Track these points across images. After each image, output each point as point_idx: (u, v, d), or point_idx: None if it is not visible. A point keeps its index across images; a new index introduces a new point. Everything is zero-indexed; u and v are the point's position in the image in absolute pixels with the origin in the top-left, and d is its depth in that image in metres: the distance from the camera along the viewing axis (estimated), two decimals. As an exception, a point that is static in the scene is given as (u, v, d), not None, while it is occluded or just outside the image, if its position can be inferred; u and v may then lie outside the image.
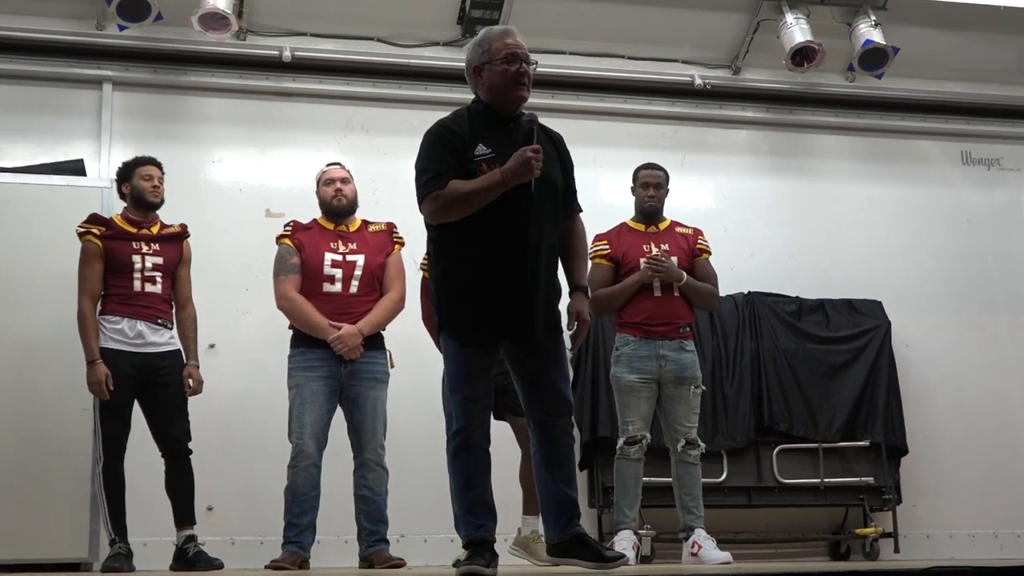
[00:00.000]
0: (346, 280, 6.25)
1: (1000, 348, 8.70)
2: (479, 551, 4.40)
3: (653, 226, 6.67)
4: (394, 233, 6.51)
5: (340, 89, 7.99)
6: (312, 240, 6.30)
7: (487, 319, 4.48)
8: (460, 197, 4.45)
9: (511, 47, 4.60)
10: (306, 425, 6.05)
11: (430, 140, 4.61)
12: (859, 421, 7.97)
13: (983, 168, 9.00)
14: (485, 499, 4.49)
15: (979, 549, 8.22)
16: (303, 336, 6.20)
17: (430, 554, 7.15)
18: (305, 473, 6.02)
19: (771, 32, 8.16)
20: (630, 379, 6.42)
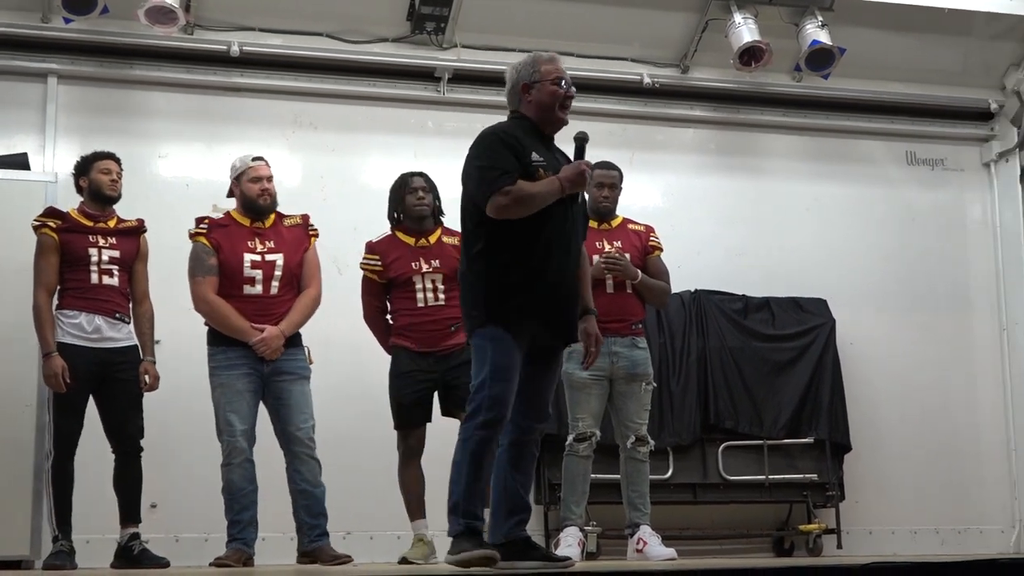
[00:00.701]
0: (266, 281, 6.17)
1: (942, 347, 8.81)
2: (479, 541, 4.55)
3: (606, 223, 6.69)
4: (309, 226, 6.43)
5: (288, 84, 7.95)
6: (229, 239, 6.19)
7: (538, 316, 4.68)
8: (528, 196, 4.65)
9: (561, 72, 4.89)
10: (235, 423, 6.01)
11: (492, 141, 4.79)
12: (803, 418, 8.04)
13: (927, 168, 9.09)
14: (484, 490, 4.66)
15: (921, 545, 8.32)
16: (222, 334, 6.12)
17: (376, 551, 7.15)
18: (240, 469, 5.99)
19: (719, 31, 8.20)
20: (581, 376, 6.43)
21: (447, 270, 6.38)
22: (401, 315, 6.43)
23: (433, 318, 6.37)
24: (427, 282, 6.39)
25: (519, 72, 4.91)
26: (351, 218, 7.48)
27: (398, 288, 6.42)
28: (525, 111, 4.89)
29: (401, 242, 6.47)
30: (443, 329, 6.37)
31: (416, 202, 6.47)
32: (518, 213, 4.65)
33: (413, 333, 6.37)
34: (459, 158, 7.67)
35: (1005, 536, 8.65)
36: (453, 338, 6.37)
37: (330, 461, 6.33)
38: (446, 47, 8.10)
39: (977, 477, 8.72)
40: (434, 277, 6.38)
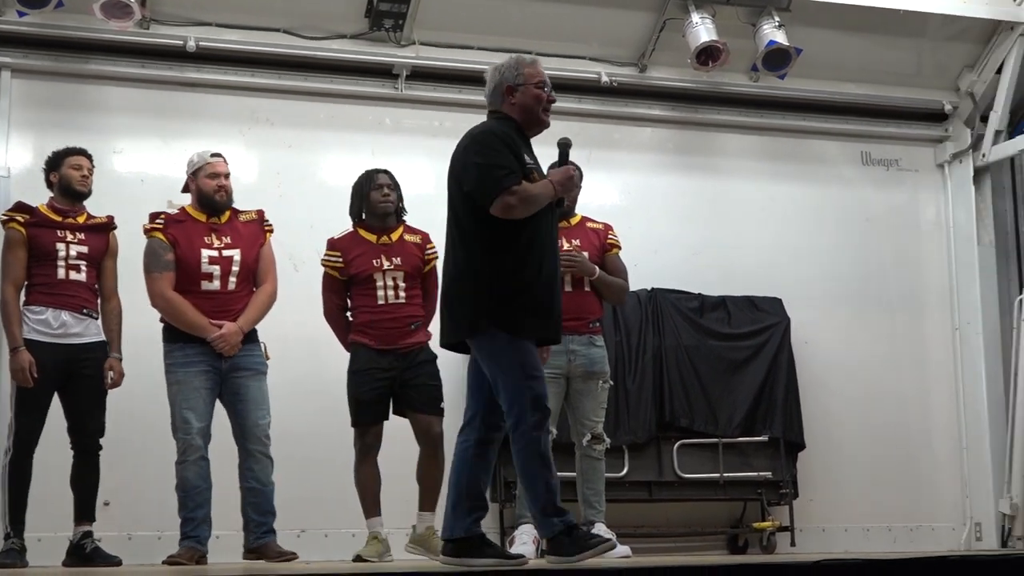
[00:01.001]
0: (224, 277, 6.18)
1: (896, 346, 8.88)
2: (577, 531, 4.67)
3: (565, 221, 6.69)
4: (264, 222, 6.43)
5: (245, 80, 7.90)
6: (186, 235, 6.18)
7: (539, 315, 4.76)
8: (531, 197, 4.72)
9: (544, 75, 4.98)
10: (191, 420, 6.01)
11: (494, 141, 4.81)
12: (758, 417, 8.08)
13: (882, 168, 9.16)
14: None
15: (873, 543, 8.39)
16: (179, 331, 6.11)
17: (330, 549, 7.13)
18: (195, 467, 5.99)
19: (677, 31, 8.22)
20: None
21: (408, 268, 6.40)
22: (361, 312, 6.42)
23: (393, 315, 6.37)
24: (388, 279, 6.39)
25: (503, 74, 4.95)
26: (307, 215, 7.47)
27: (359, 285, 6.42)
28: (509, 112, 4.92)
29: (363, 239, 6.46)
30: (403, 327, 6.38)
31: (381, 199, 6.47)
32: (523, 213, 4.71)
33: (373, 330, 6.36)
34: (417, 155, 7.82)
35: (956, 533, 8.73)
36: (413, 336, 6.39)
37: (285, 458, 6.34)
38: (404, 44, 8.08)
39: (929, 475, 8.80)
40: (395, 275, 6.39)
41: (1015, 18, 8.64)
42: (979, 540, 8.63)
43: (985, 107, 9.01)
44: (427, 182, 7.18)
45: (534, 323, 4.74)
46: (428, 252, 6.57)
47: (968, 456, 8.82)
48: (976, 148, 9.03)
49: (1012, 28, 8.69)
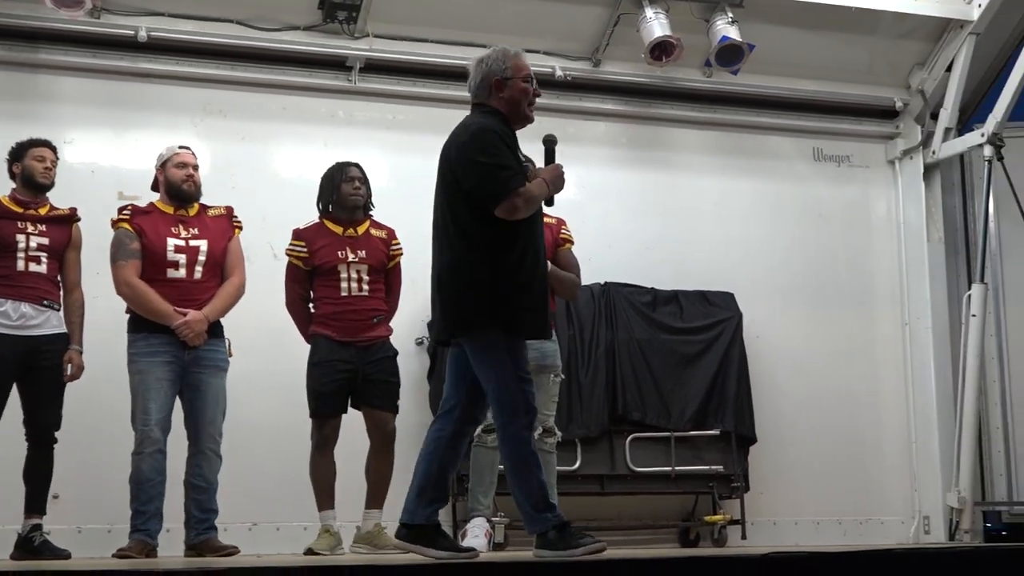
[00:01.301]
0: (190, 265, 6.19)
1: (847, 341, 8.93)
2: (570, 528, 4.65)
3: (516, 216, 6.71)
4: (233, 217, 6.46)
5: (197, 71, 7.84)
6: (152, 225, 6.20)
7: (536, 313, 4.77)
8: (534, 197, 4.74)
9: (527, 68, 4.93)
10: (151, 411, 6.00)
11: (495, 139, 4.77)
12: (710, 411, 8.12)
13: (833, 165, 9.21)
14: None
15: (823, 535, 8.45)
16: (143, 321, 6.11)
17: (282, 542, 7.11)
18: (151, 459, 5.97)
19: (631, 26, 8.23)
20: (487, 369, 6.46)
21: (373, 262, 6.45)
22: (324, 303, 6.45)
23: (355, 308, 6.41)
24: (352, 272, 6.43)
25: (489, 66, 4.91)
26: (260, 207, 7.43)
27: (322, 276, 6.44)
28: (497, 106, 4.88)
29: (329, 230, 6.50)
30: (365, 320, 6.42)
31: (352, 191, 6.53)
32: (526, 213, 4.72)
33: (335, 322, 6.39)
34: (371, 148, 7.81)
35: (905, 527, 8.80)
36: (374, 330, 6.43)
37: (236, 451, 6.34)
38: (358, 36, 8.04)
39: (879, 469, 8.87)
40: (359, 268, 6.43)
41: (965, 17, 8.71)
42: (927, 533, 8.71)
43: (935, 105, 9.09)
44: (381, 175, 7.15)
45: (532, 321, 4.76)
46: (393, 248, 6.62)
47: (917, 450, 8.90)
48: (926, 145, 9.10)
49: (962, 27, 8.76)
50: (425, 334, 7.74)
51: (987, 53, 9.05)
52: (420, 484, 4.80)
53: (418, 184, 7.77)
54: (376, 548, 6.37)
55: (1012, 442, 8.83)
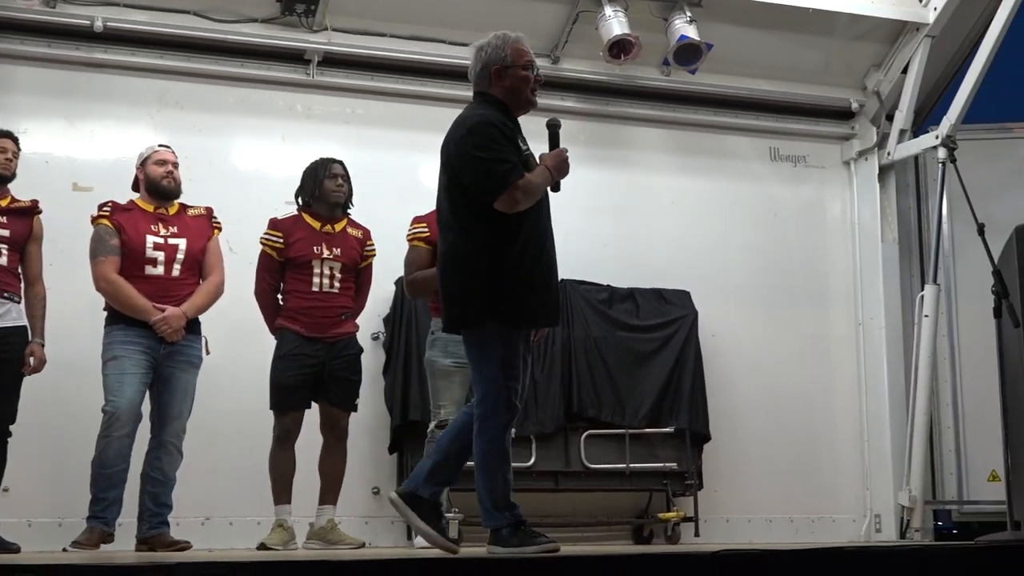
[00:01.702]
0: (168, 263, 6.24)
1: (801, 340, 8.98)
2: (526, 527, 4.69)
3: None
4: (213, 218, 6.51)
5: (154, 62, 7.76)
6: (132, 222, 6.25)
7: (539, 304, 4.74)
8: (535, 188, 4.72)
9: (528, 55, 4.91)
10: (124, 395, 6.02)
11: (493, 132, 4.74)
12: (665, 408, 8.13)
13: (790, 165, 9.25)
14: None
15: (775, 533, 8.49)
16: (121, 314, 6.15)
17: (235, 537, 7.08)
18: (117, 443, 6.00)
19: (590, 23, 8.23)
20: (445, 363, 6.47)
21: (347, 260, 6.50)
22: (294, 297, 6.47)
23: (326, 304, 6.46)
24: (326, 268, 6.48)
25: (489, 55, 4.90)
26: (216, 200, 7.33)
27: (295, 269, 6.47)
28: (498, 95, 4.88)
29: (307, 224, 6.55)
30: (334, 316, 6.47)
31: (335, 188, 6.59)
32: (526, 206, 4.71)
33: (304, 317, 6.42)
34: (329, 142, 7.77)
35: (856, 525, 8.86)
36: (342, 326, 6.47)
37: (189, 446, 6.30)
38: (316, 30, 8.00)
39: (831, 468, 8.92)
40: (333, 264, 6.49)
41: (921, 19, 8.77)
42: (879, 532, 8.78)
43: (891, 106, 9.15)
44: (339, 169, 7.10)
45: (534, 311, 4.75)
46: (367, 248, 6.70)
47: (869, 449, 8.96)
48: (881, 146, 9.17)
49: (918, 29, 8.82)
50: (381, 329, 7.74)
51: (942, 56, 9.13)
52: (439, 459, 4.85)
53: (376, 178, 7.83)
54: (329, 544, 6.37)
55: (963, 442, 8.90)
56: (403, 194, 7.81)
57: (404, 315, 7.64)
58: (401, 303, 7.64)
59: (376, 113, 8.21)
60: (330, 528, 6.41)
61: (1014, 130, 9.44)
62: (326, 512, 6.46)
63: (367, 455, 7.49)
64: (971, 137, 8.82)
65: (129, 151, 7.26)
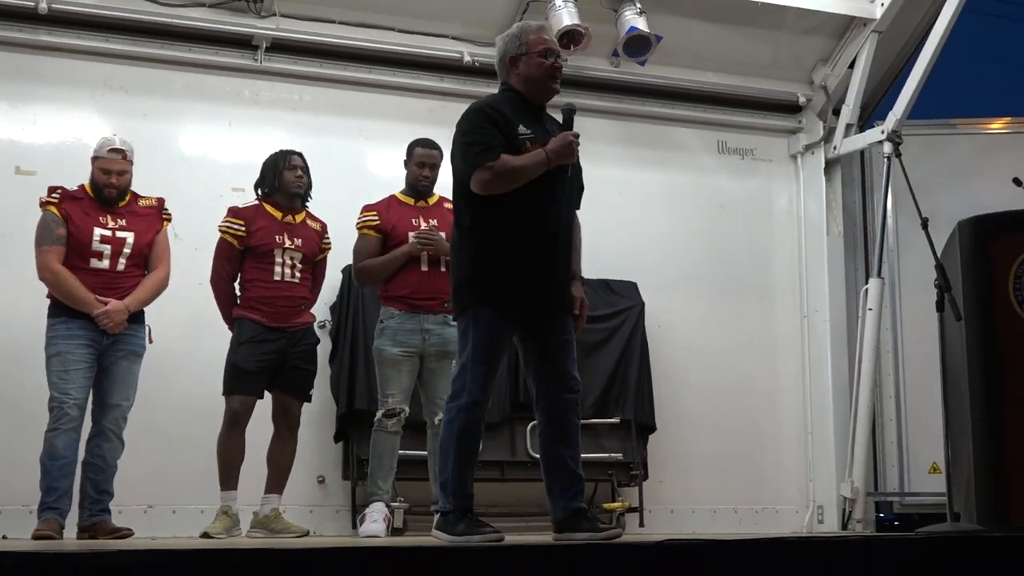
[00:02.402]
0: (114, 256, 6.19)
1: (747, 331, 9.02)
2: (475, 518, 4.66)
3: (423, 200, 6.74)
4: (163, 210, 6.45)
5: (99, 46, 7.66)
6: (81, 211, 6.18)
7: (524, 288, 4.69)
8: (512, 170, 4.67)
9: (547, 42, 4.94)
10: (70, 390, 5.98)
11: (476, 117, 4.79)
12: (611, 399, 8.16)
13: (737, 157, 9.29)
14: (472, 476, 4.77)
15: (719, 524, 8.54)
16: (63, 306, 6.09)
17: (178, 525, 7.03)
18: (66, 436, 5.96)
19: (540, 13, 8.21)
20: (393, 352, 6.47)
21: (307, 251, 6.52)
22: (254, 286, 6.44)
23: (287, 294, 6.45)
24: (287, 258, 6.47)
25: (506, 44, 4.94)
26: (161, 185, 7.25)
27: (255, 258, 6.44)
28: (515, 84, 4.91)
29: (268, 213, 6.54)
30: (294, 307, 6.46)
31: (295, 179, 6.59)
32: (502, 188, 4.69)
33: (265, 307, 6.40)
34: (276, 128, 7.74)
35: (799, 516, 8.92)
36: (301, 316, 6.46)
37: (131, 434, 6.24)
38: (265, 15, 7.95)
39: (775, 459, 8.98)
40: (294, 255, 6.49)
41: (868, 15, 8.84)
42: (821, 523, 8.85)
43: (837, 100, 9.22)
44: (286, 156, 7.05)
45: (523, 301, 4.72)
46: (325, 241, 6.73)
47: (812, 441, 9.03)
48: (828, 140, 9.23)
49: (865, 24, 8.88)
50: (328, 317, 7.70)
51: (889, 51, 9.20)
52: (549, 480, 4.84)
53: (321, 165, 7.78)
54: (273, 532, 6.34)
55: (905, 434, 8.99)
56: (350, 182, 7.80)
57: (351, 303, 7.61)
58: (348, 291, 7.61)
59: (324, 100, 8.17)
60: (274, 517, 6.39)
61: (958, 126, 9.56)
62: (271, 501, 6.43)
63: (313, 444, 7.46)
64: (916, 132, 8.92)
65: (72, 135, 7.20)
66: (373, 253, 6.61)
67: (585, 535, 4.60)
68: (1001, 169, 8.03)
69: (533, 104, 4.92)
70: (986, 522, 5.06)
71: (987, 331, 5.24)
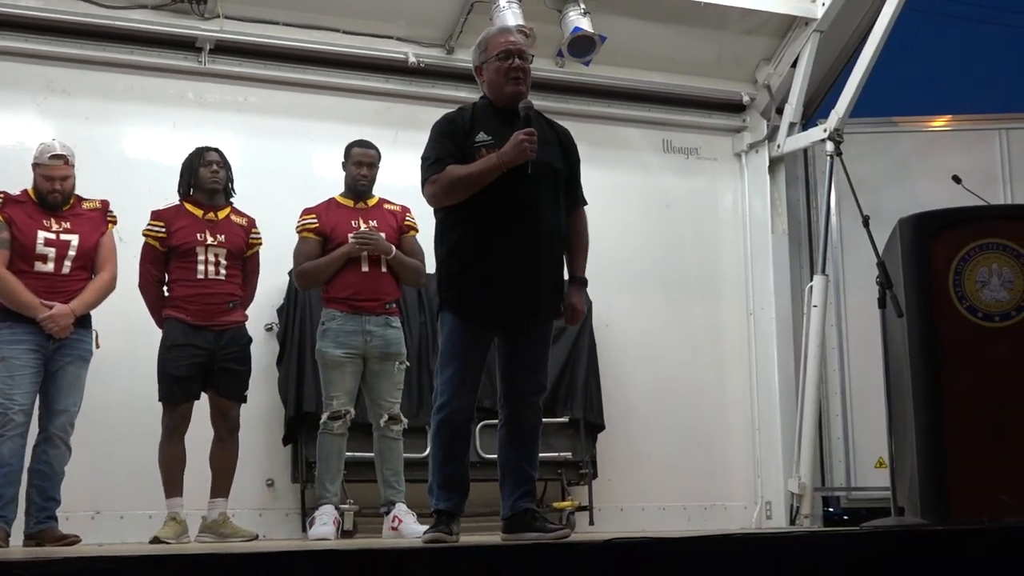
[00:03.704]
0: (59, 259, 6.14)
1: (693, 330, 9.08)
2: (444, 519, 4.71)
3: (362, 202, 6.75)
4: (108, 212, 6.39)
5: (40, 48, 7.58)
6: (24, 216, 6.12)
7: (487, 296, 4.69)
8: (456, 180, 4.69)
9: (504, 44, 4.88)
10: (15, 397, 5.92)
11: (434, 130, 4.86)
12: (559, 398, 8.17)
13: (682, 157, 9.34)
14: (459, 476, 4.79)
15: (669, 521, 8.58)
16: (8, 311, 6.03)
17: (126, 531, 6.98)
18: (11, 442, 5.90)
19: (484, 14, 8.22)
20: (336, 354, 6.47)
21: (231, 246, 6.45)
22: (179, 285, 6.40)
23: (211, 291, 6.40)
24: (210, 255, 6.42)
25: (473, 54, 4.98)
26: (105, 189, 7.20)
27: (179, 258, 6.40)
28: (485, 91, 4.94)
29: (188, 212, 6.50)
30: (220, 304, 6.41)
31: (211, 175, 6.53)
32: (451, 199, 4.73)
33: (189, 305, 6.35)
34: (221, 130, 7.70)
35: (748, 512, 8.98)
36: (229, 315, 6.42)
37: (79, 438, 6.20)
38: (208, 17, 7.90)
39: (723, 456, 9.04)
40: (218, 251, 6.43)
41: (810, 14, 8.91)
42: (769, 518, 8.91)
43: (781, 99, 9.29)
44: (231, 158, 7.01)
45: (489, 305, 4.72)
46: (252, 236, 6.64)
47: (760, 437, 9.09)
48: (771, 139, 9.29)
49: (807, 24, 8.95)
50: (275, 320, 7.67)
51: (831, 50, 9.27)
52: (501, 480, 4.87)
53: (267, 167, 7.78)
54: (222, 537, 6.32)
55: (851, 430, 9.07)
56: (295, 184, 7.78)
57: (298, 306, 7.59)
58: (295, 294, 7.59)
59: (268, 102, 8.14)
60: (222, 521, 6.36)
61: (900, 124, 9.66)
62: (218, 505, 6.40)
63: (261, 447, 7.44)
64: (858, 131, 9.00)
65: (14, 139, 7.14)
66: (313, 256, 6.61)
67: (533, 535, 4.62)
68: (942, 167, 8.17)
69: (505, 109, 4.87)
70: (929, 516, 5.12)
71: (928, 327, 5.30)
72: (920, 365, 5.27)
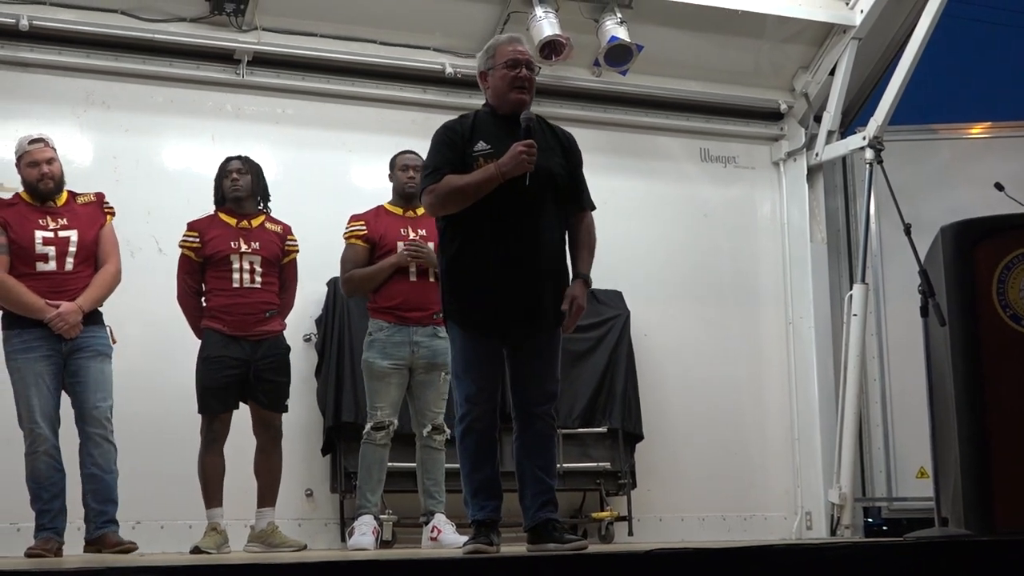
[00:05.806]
0: (60, 257, 6.02)
1: (732, 339, 9.04)
2: (483, 531, 4.65)
3: (411, 210, 6.70)
4: (104, 204, 6.28)
5: (80, 62, 7.64)
6: (19, 218, 6.03)
7: (487, 307, 4.68)
8: (454, 190, 4.67)
9: (512, 53, 4.85)
10: (35, 408, 5.86)
11: (435, 138, 4.84)
12: (598, 408, 8.15)
13: (720, 165, 9.31)
14: (490, 481, 4.75)
15: (708, 532, 8.54)
16: (16, 317, 5.95)
17: (166, 541, 7.00)
18: (46, 458, 5.85)
19: (521, 24, 8.22)
20: (382, 365, 6.45)
21: (267, 254, 6.42)
22: (215, 295, 6.40)
23: (247, 300, 6.37)
24: (245, 263, 6.39)
25: (479, 61, 4.97)
26: (145, 201, 7.33)
27: (214, 267, 6.39)
28: (488, 98, 4.93)
29: (222, 221, 6.50)
30: (257, 313, 6.38)
31: (231, 184, 6.53)
32: (449, 208, 4.73)
33: (226, 315, 6.33)
34: (260, 142, 7.73)
35: (788, 523, 8.93)
36: (266, 324, 6.41)
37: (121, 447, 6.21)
38: (246, 29, 7.94)
39: (763, 466, 8.99)
40: (252, 259, 6.40)
41: (848, 22, 8.86)
42: (809, 529, 8.86)
43: (819, 107, 9.25)
44: (269, 169, 7.02)
45: (489, 315, 4.70)
46: (288, 243, 6.60)
47: (800, 447, 9.04)
48: (810, 147, 9.25)
49: (844, 31, 8.91)
50: (313, 330, 7.69)
51: (869, 58, 9.22)
52: (520, 491, 4.81)
53: (305, 179, 7.80)
54: (270, 547, 6.32)
55: (891, 439, 9.01)
56: (334, 194, 7.80)
57: (336, 316, 7.60)
58: (334, 304, 7.60)
59: (306, 113, 8.17)
60: (271, 531, 6.35)
61: (939, 131, 9.60)
62: (266, 515, 6.39)
63: (300, 457, 7.45)
64: (897, 138, 8.94)
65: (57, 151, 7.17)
66: (361, 263, 6.59)
67: (552, 546, 4.59)
68: (983, 174, 8.10)
69: (507, 117, 4.84)
70: (973, 526, 5.07)
71: (971, 335, 5.26)
72: (963, 374, 5.23)
